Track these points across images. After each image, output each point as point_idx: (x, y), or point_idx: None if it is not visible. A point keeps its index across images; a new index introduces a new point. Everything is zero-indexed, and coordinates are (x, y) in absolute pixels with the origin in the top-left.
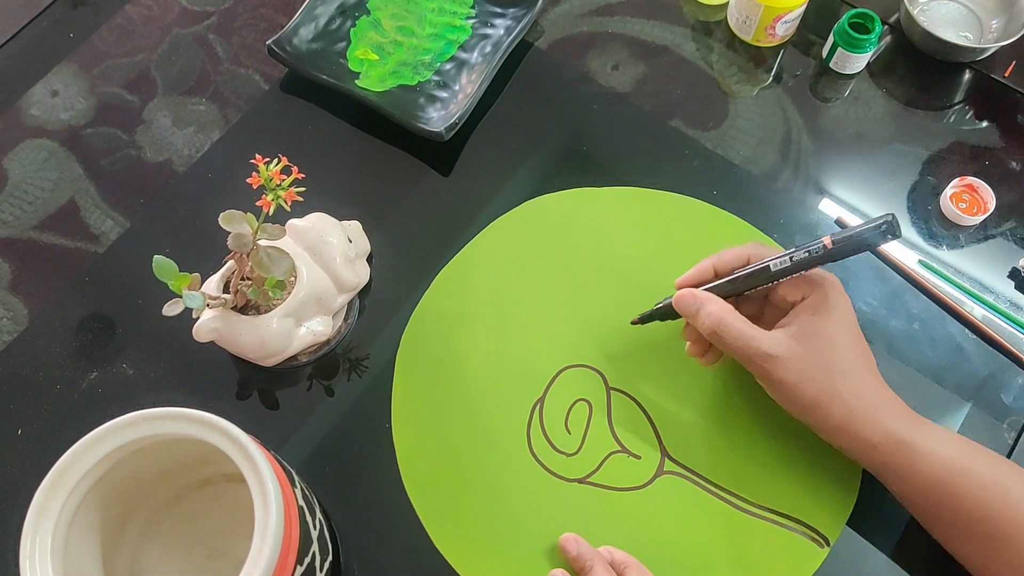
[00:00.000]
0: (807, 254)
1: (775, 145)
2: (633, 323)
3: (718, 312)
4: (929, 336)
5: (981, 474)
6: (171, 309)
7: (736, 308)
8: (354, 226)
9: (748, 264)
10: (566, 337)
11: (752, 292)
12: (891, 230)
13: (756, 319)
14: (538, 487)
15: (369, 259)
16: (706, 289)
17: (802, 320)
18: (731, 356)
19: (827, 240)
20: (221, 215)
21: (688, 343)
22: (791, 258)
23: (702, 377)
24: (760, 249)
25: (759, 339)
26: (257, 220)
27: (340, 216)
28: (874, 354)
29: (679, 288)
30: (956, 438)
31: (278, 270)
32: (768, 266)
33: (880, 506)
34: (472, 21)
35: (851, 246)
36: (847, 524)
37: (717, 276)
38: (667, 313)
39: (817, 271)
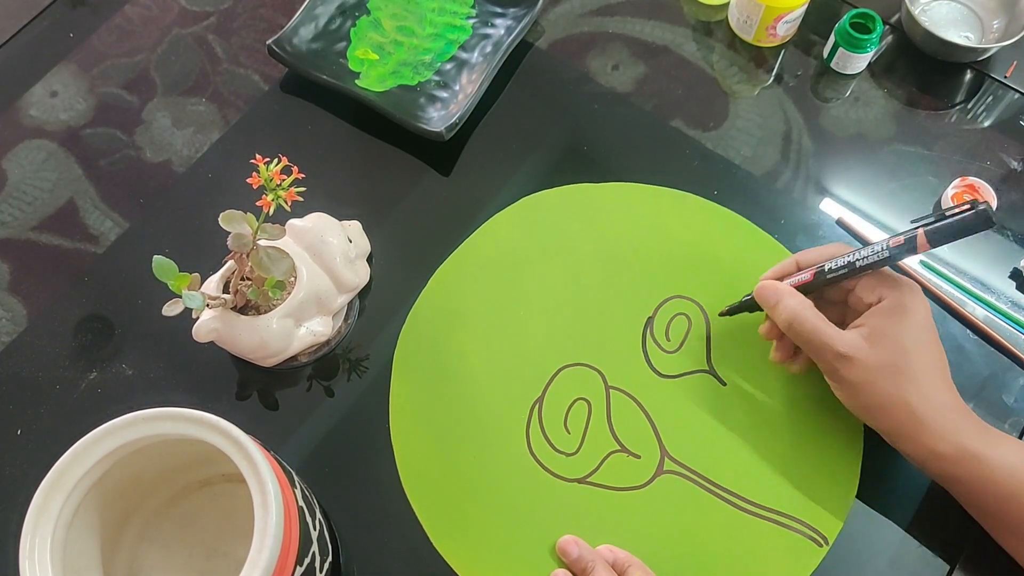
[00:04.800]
0: (889, 248)
1: (776, 145)
2: (721, 314)
3: (795, 305)
4: None
5: None
6: (171, 309)
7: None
8: (354, 226)
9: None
10: (565, 336)
11: (834, 294)
12: (989, 216)
13: (837, 323)
14: (537, 487)
15: (369, 259)
16: (789, 283)
17: (875, 322)
18: (808, 353)
19: (920, 233)
20: (221, 215)
21: (774, 347)
22: (877, 252)
23: (700, 376)
24: (843, 248)
25: (833, 337)
26: (257, 220)
27: (340, 216)
28: None
29: (764, 280)
30: None
31: (278, 270)
32: (854, 262)
33: (879, 504)
34: (472, 21)
35: (944, 236)
36: (845, 523)
37: (800, 270)
38: (753, 305)
39: (896, 275)
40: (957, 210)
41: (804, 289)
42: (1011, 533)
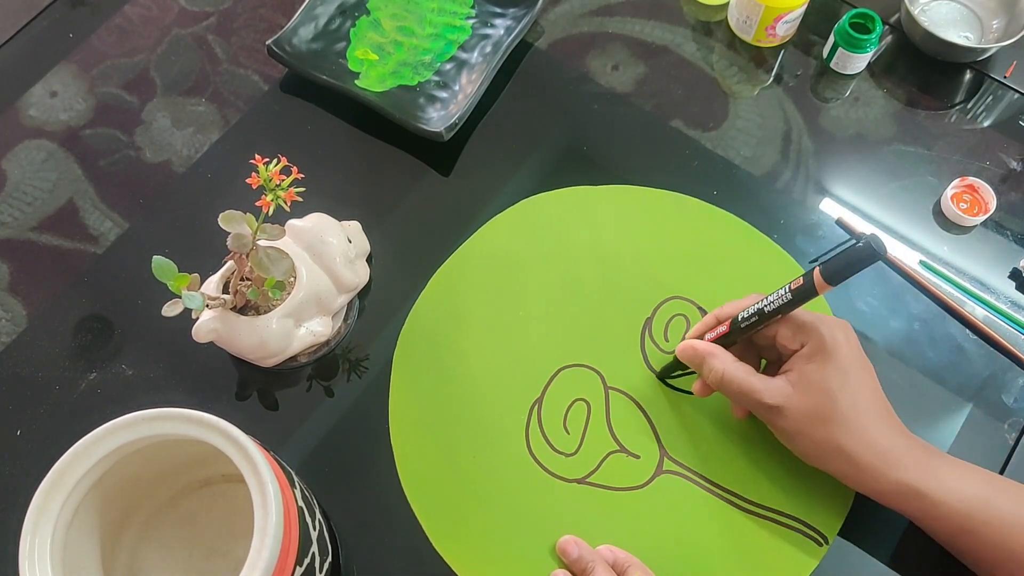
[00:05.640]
0: (791, 292)
1: (776, 145)
2: (657, 377)
3: (718, 365)
4: (930, 337)
5: (1002, 515)
6: (170, 309)
7: (744, 354)
8: (354, 226)
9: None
10: (564, 336)
11: (763, 342)
12: (873, 247)
13: (775, 368)
14: (537, 487)
15: (369, 259)
16: (709, 338)
17: (800, 368)
18: (744, 406)
19: (816, 271)
20: (220, 215)
21: (731, 403)
22: (780, 297)
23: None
24: (760, 297)
25: (760, 391)
26: (257, 220)
27: (340, 216)
28: (874, 355)
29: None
30: (976, 477)
31: (277, 270)
32: (762, 309)
33: (878, 504)
34: (472, 21)
35: (838, 271)
36: (845, 522)
37: (719, 323)
38: (680, 364)
39: (818, 316)
40: (845, 244)
41: (724, 341)
42: (965, 559)
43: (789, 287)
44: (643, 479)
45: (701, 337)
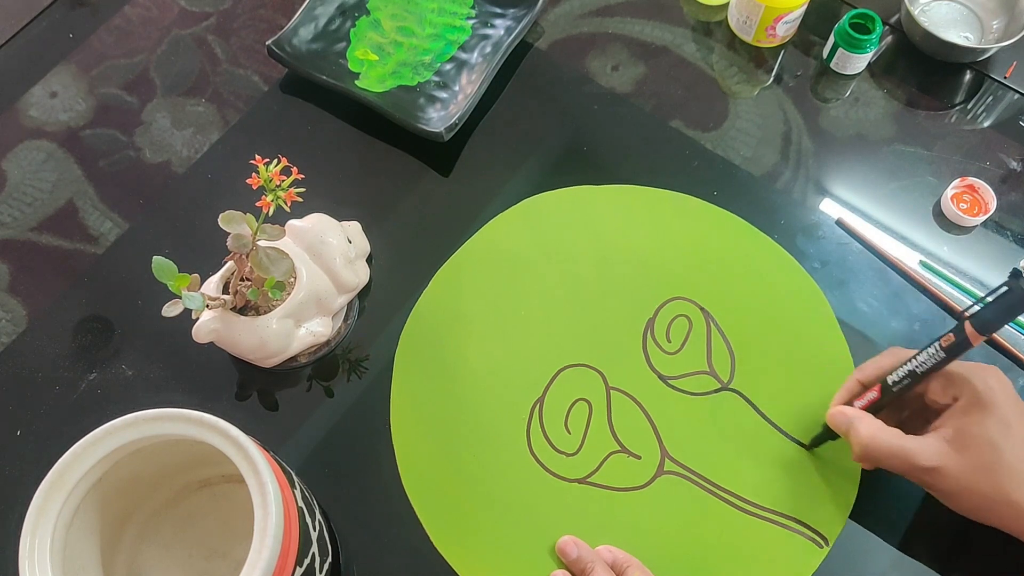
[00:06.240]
0: (943, 349)
1: (775, 146)
2: (807, 448)
3: (865, 432)
4: (930, 337)
5: None
6: (170, 310)
7: (890, 417)
8: (354, 227)
9: (891, 372)
10: (565, 336)
11: (910, 397)
12: None
13: (922, 424)
14: (538, 487)
15: (369, 260)
16: (859, 406)
17: (956, 423)
18: (896, 472)
19: (967, 324)
20: (220, 216)
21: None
22: (932, 355)
23: (701, 377)
24: (900, 353)
25: (914, 452)
26: (257, 221)
27: (340, 216)
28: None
29: (833, 407)
30: None
31: (277, 271)
32: (914, 370)
33: (879, 505)
34: (472, 21)
35: (991, 321)
36: (846, 524)
37: (865, 389)
38: (830, 432)
39: (967, 365)
40: (996, 293)
41: (876, 407)
42: None
43: (940, 344)
44: (644, 480)
45: (849, 404)
